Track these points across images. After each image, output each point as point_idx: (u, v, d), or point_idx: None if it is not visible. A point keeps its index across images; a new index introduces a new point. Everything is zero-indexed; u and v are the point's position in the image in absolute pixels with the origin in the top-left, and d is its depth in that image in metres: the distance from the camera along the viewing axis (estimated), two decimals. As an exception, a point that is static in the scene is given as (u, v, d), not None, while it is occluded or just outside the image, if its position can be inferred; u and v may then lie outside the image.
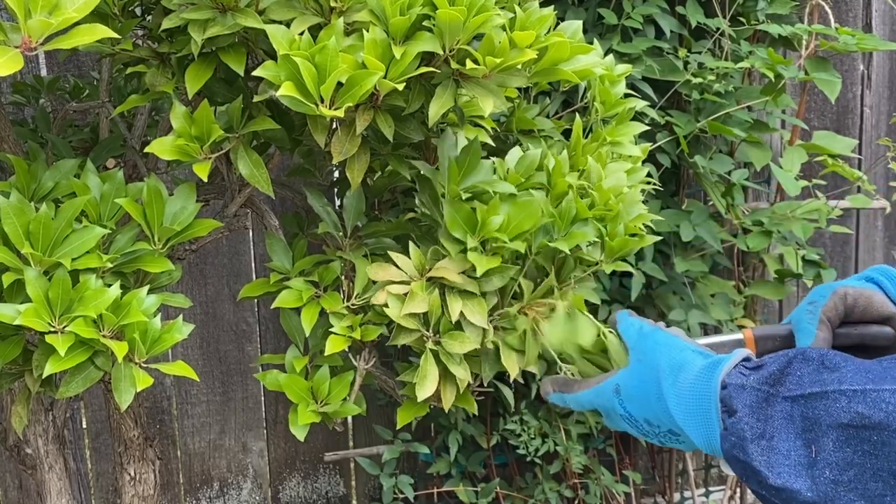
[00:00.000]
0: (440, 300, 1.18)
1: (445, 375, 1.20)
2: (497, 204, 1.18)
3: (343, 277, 1.27)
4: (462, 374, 1.18)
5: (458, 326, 1.19)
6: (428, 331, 1.18)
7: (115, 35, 1.00)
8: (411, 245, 1.21)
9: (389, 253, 1.22)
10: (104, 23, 1.06)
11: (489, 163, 1.25)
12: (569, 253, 1.23)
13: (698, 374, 0.94)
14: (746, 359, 0.94)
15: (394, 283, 1.19)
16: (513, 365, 1.21)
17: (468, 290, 1.19)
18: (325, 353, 1.20)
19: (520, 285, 1.22)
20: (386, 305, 1.17)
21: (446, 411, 1.25)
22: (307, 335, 1.24)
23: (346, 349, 1.25)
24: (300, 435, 1.21)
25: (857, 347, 1.05)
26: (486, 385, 1.26)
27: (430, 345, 1.18)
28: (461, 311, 1.17)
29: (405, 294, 1.17)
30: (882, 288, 1.07)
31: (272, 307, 1.24)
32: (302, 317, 1.21)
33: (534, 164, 1.27)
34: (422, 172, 1.25)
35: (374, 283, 1.22)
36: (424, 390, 1.17)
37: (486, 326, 1.18)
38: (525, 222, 1.18)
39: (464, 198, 1.20)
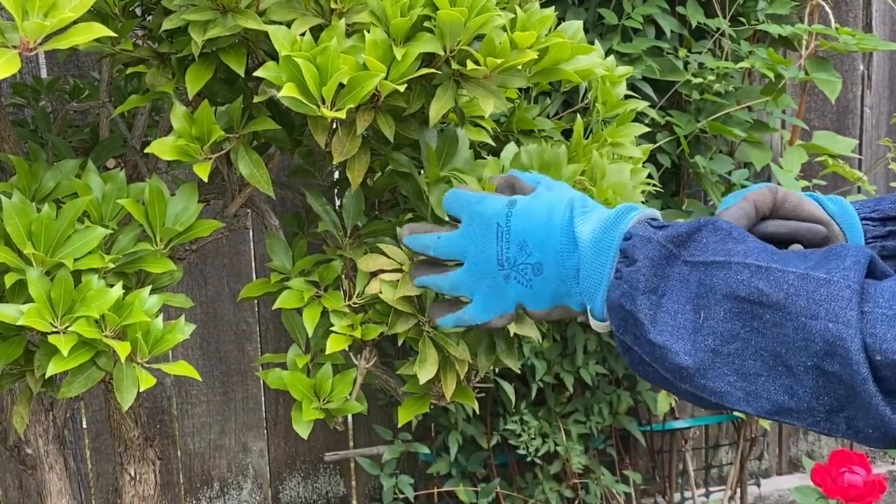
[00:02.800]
0: None
1: (445, 363, 1.20)
2: (474, 183, 1.19)
3: (344, 277, 1.27)
4: (461, 354, 1.19)
5: None
6: (424, 315, 1.19)
7: (112, 34, 1.00)
8: (399, 230, 1.22)
9: (380, 245, 1.22)
10: (104, 23, 1.06)
11: (469, 151, 1.26)
12: None
13: (609, 214, 0.93)
14: (655, 218, 0.93)
15: (385, 271, 1.20)
16: (512, 357, 1.22)
17: None
18: (327, 352, 1.20)
19: None
20: (380, 292, 1.18)
21: (448, 402, 1.25)
22: (310, 335, 1.24)
23: (347, 348, 1.25)
24: (304, 432, 1.21)
25: (788, 241, 1.02)
26: (483, 375, 1.27)
27: (427, 328, 1.19)
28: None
29: (398, 281, 1.18)
30: (820, 203, 1.04)
31: (273, 308, 1.24)
32: (304, 317, 1.21)
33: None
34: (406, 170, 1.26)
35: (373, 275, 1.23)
36: (425, 372, 1.17)
37: None
38: None
39: (445, 181, 1.22)
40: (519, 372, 2.38)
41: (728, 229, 0.87)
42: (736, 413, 2.56)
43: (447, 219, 1.16)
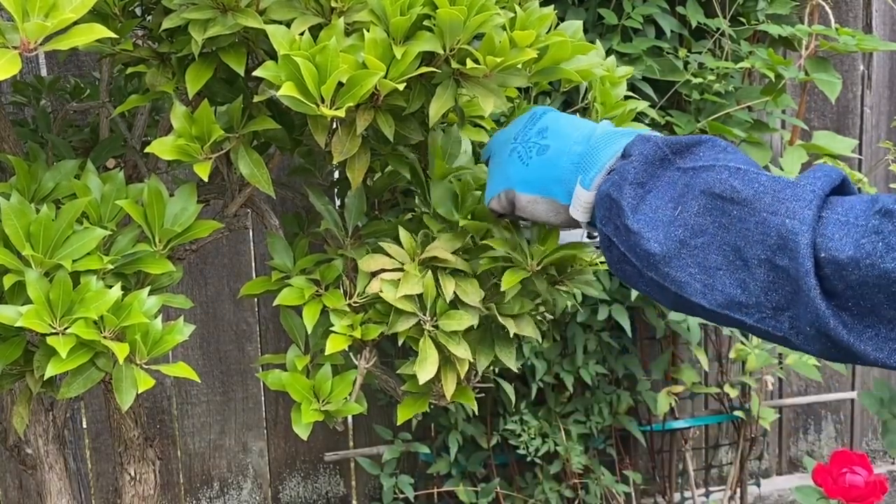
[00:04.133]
0: (434, 281, 1.18)
1: (445, 363, 1.20)
2: (470, 182, 1.20)
3: (344, 276, 1.27)
4: (462, 352, 1.18)
5: (454, 308, 1.19)
6: (425, 314, 1.19)
7: (113, 35, 1.00)
8: (402, 230, 1.22)
9: (380, 244, 1.22)
10: (104, 23, 1.05)
11: (470, 152, 1.28)
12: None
13: (623, 128, 1.02)
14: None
15: (387, 270, 1.20)
16: (510, 356, 1.22)
17: (461, 269, 1.19)
18: (326, 353, 1.20)
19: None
20: (381, 291, 1.18)
21: (448, 402, 1.25)
22: (308, 333, 1.24)
23: (347, 349, 1.25)
24: (303, 434, 1.21)
25: None
26: (482, 374, 1.26)
27: (427, 328, 1.18)
28: (455, 293, 1.17)
29: (399, 280, 1.18)
30: None
31: (273, 305, 1.24)
32: (303, 315, 1.21)
33: None
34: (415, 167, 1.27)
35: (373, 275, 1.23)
36: (425, 372, 1.17)
37: (480, 307, 1.19)
38: None
39: (448, 180, 1.23)
40: (519, 372, 2.39)
41: (724, 146, 0.92)
42: (736, 413, 2.56)
43: (450, 218, 1.16)
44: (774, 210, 0.82)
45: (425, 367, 1.17)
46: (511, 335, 1.22)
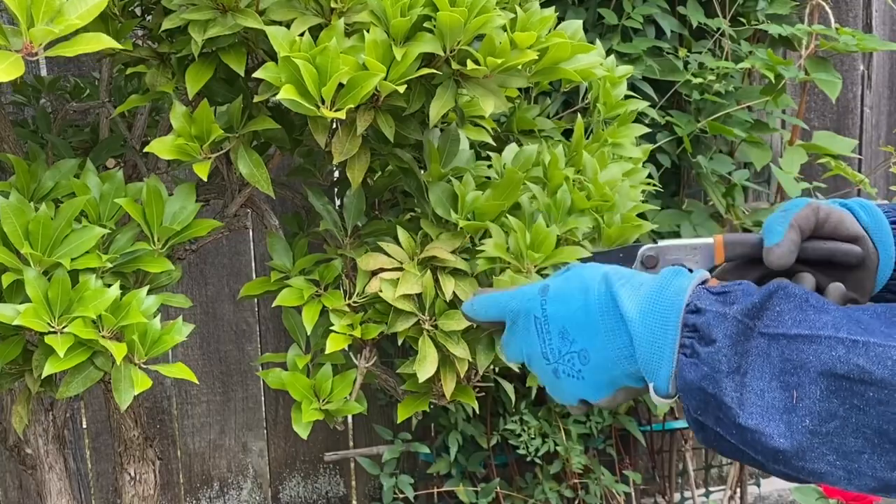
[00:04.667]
0: (433, 281, 1.18)
1: (444, 362, 1.20)
2: (469, 181, 1.21)
3: (344, 276, 1.27)
4: (461, 352, 1.19)
5: (453, 307, 1.19)
6: (424, 314, 1.19)
7: (117, 45, 0.99)
8: (400, 230, 1.22)
9: (380, 243, 1.22)
10: (104, 23, 1.06)
11: (469, 151, 1.27)
12: (561, 236, 1.23)
13: (657, 282, 0.85)
14: (705, 280, 0.87)
15: (386, 269, 1.20)
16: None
17: (460, 268, 1.19)
18: (327, 352, 1.20)
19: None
20: (380, 291, 1.18)
21: (448, 400, 1.25)
22: (308, 333, 1.24)
23: (347, 348, 1.25)
24: (303, 433, 1.21)
25: (824, 263, 1.00)
26: (482, 374, 1.26)
27: (426, 327, 1.18)
28: (454, 292, 1.18)
29: (398, 279, 1.18)
30: (854, 214, 1.02)
31: (273, 305, 1.24)
32: (303, 315, 1.21)
33: (530, 159, 1.28)
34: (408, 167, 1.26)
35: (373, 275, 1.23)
36: (424, 371, 1.17)
37: None
38: (508, 199, 1.20)
39: (446, 180, 1.23)
40: (519, 372, 2.39)
41: (803, 296, 0.83)
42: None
43: (448, 218, 1.16)
44: None
45: (425, 366, 1.18)
46: None
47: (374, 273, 1.21)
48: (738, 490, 2.65)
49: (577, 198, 1.25)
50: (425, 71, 1.08)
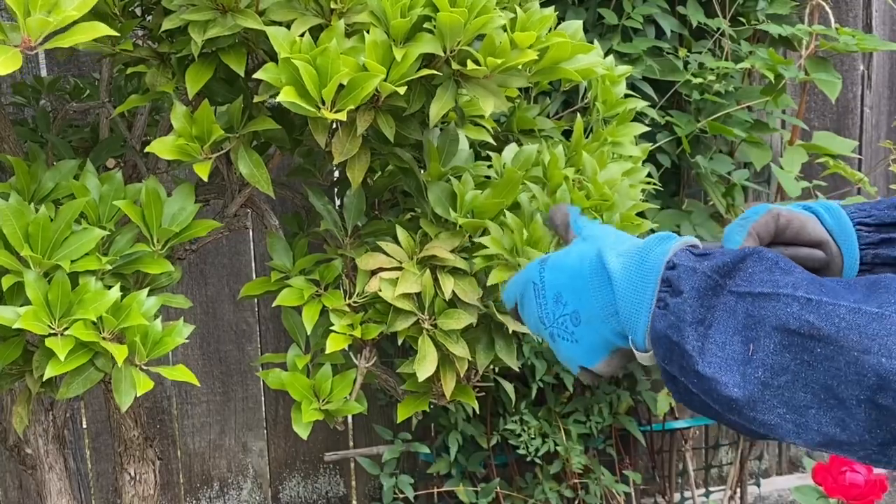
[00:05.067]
0: (432, 280, 1.18)
1: (444, 362, 1.20)
2: (468, 181, 1.20)
3: (344, 276, 1.27)
4: (461, 351, 1.19)
5: (452, 306, 1.19)
6: (423, 313, 1.18)
7: (114, 33, 1.00)
8: (399, 229, 1.22)
9: (379, 243, 1.22)
10: (104, 23, 1.05)
11: (468, 151, 1.27)
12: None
13: (642, 243, 0.90)
14: (695, 245, 0.91)
15: (385, 269, 1.20)
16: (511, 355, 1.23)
17: (459, 267, 1.19)
18: (327, 352, 1.20)
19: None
20: (380, 290, 1.18)
21: (448, 400, 1.25)
22: (308, 333, 1.24)
23: (347, 348, 1.25)
24: (303, 433, 1.21)
25: None
26: (482, 374, 1.26)
27: (426, 326, 1.18)
28: (453, 291, 1.17)
29: (397, 279, 1.18)
30: (819, 217, 1.04)
31: (273, 305, 1.24)
32: (303, 315, 1.21)
33: (530, 159, 1.28)
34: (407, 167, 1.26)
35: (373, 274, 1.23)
36: (424, 369, 1.17)
37: (479, 304, 1.19)
38: (507, 198, 1.19)
39: (445, 180, 1.23)
40: (519, 371, 2.38)
41: (774, 259, 0.87)
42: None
43: (447, 217, 1.16)
44: (866, 348, 0.78)
45: (424, 366, 1.17)
46: (510, 332, 1.22)
47: (373, 273, 1.21)
48: (738, 490, 2.65)
49: (576, 197, 1.25)
50: (425, 72, 1.08)
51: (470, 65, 1.07)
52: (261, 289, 1.30)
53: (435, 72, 1.09)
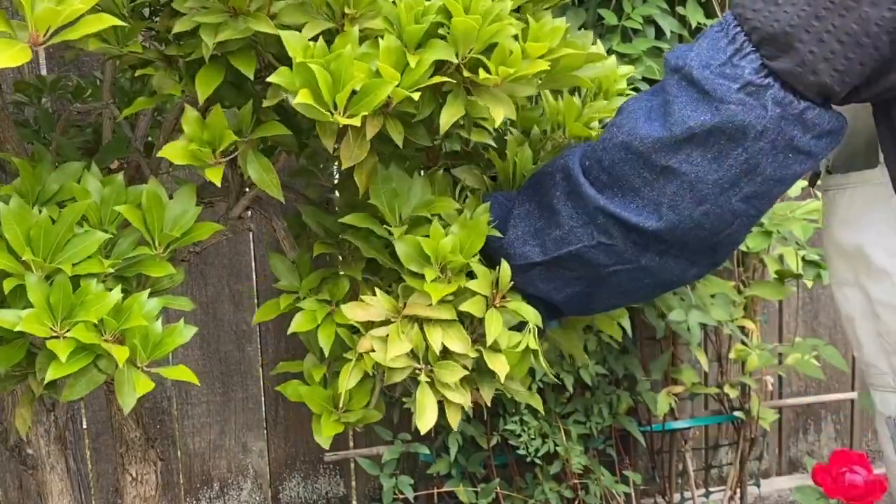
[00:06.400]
0: (421, 334, 1.17)
1: (447, 404, 1.20)
2: (439, 230, 1.19)
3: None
4: (461, 399, 1.18)
5: (445, 356, 1.18)
6: (419, 363, 1.18)
7: (120, 23, 0.99)
8: (379, 293, 1.21)
9: (362, 297, 1.21)
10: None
11: (421, 180, 1.26)
12: None
13: None
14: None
15: (374, 324, 1.19)
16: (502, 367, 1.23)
17: (444, 318, 1.18)
18: (343, 382, 1.19)
19: None
20: (373, 351, 1.17)
21: (454, 430, 1.24)
22: (326, 354, 1.23)
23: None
24: (325, 444, 1.22)
25: None
26: (489, 405, 1.26)
27: (423, 377, 1.17)
28: (443, 343, 1.17)
29: (387, 336, 1.17)
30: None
31: (289, 333, 1.23)
32: (319, 337, 1.21)
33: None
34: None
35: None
36: (425, 423, 1.16)
37: (469, 352, 1.18)
38: (475, 243, 1.19)
39: (406, 232, 1.21)
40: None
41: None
42: (736, 413, 2.56)
43: (421, 273, 1.18)
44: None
45: (425, 418, 1.17)
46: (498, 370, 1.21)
47: (361, 325, 1.20)
48: (738, 490, 2.65)
49: None
50: (438, 79, 1.07)
51: (482, 73, 1.07)
52: (272, 313, 1.29)
53: (447, 79, 1.08)
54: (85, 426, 2.36)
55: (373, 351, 1.17)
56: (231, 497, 2.50)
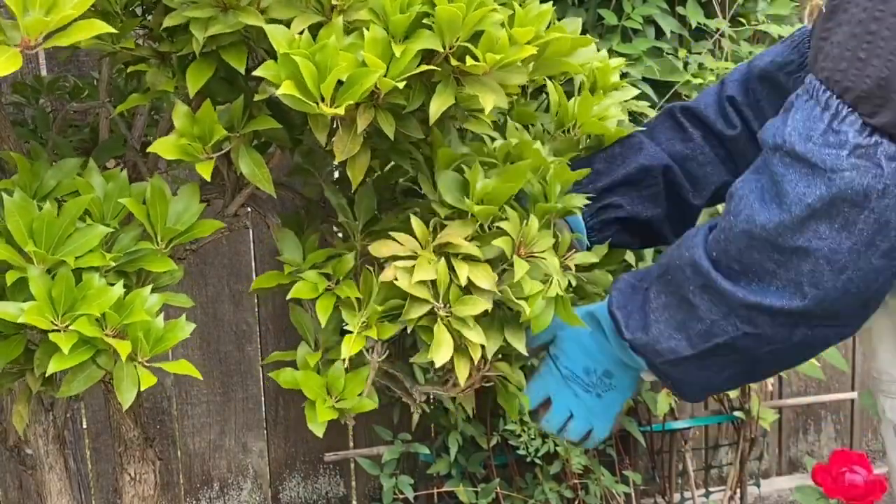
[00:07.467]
0: (447, 268, 1.17)
1: (458, 350, 1.19)
2: (478, 170, 1.20)
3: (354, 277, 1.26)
4: (476, 337, 1.17)
5: (467, 293, 1.18)
6: (438, 301, 1.18)
7: (113, 30, 1.00)
8: (413, 218, 1.21)
9: (391, 233, 1.21)
10: (105, 21, 1.05)
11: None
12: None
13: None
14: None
15: (399, 257, 1.19)
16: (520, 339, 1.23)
17: (473, 255, 1.18)
18: (342, 356, 1.19)
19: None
20: (395, 279, 1.17)
21: (462, 389, 1.24)
22: (322, 326, 1.22)
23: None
24: (319, 431, 1.20)
25: None
26: (483, 374, 1.26)
27: (441, 314, 1.17)
28: (468, 277, 1.17)
29: (412, 267, 1.17)
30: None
31: (288, 298, 1.22)
32: (317, 308, 1.20)
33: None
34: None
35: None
36: (441, 356, 1.16)
37: (494, 290, 1.18)
38: (515, 183, 1.20)
39: (454, 168, 1.22)
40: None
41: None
42: (736, 413, 2.56)
43: (459, 206, 1.20)
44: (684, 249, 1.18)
45: (440, 352, 1.16)
46: (519, 320, 1.21)
47: (385, 263, 1.20)
48: (738, 491, 2.65)
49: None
50: (425, 68, 1.08)
51: (469, 61, 1.08)
52: (273, 282, 1.28)
53: (435, 67, 1.09)
54: (85, 426, 2.36)
55: (395, 279, 1.16)
56: (231, 497, 2.50)
